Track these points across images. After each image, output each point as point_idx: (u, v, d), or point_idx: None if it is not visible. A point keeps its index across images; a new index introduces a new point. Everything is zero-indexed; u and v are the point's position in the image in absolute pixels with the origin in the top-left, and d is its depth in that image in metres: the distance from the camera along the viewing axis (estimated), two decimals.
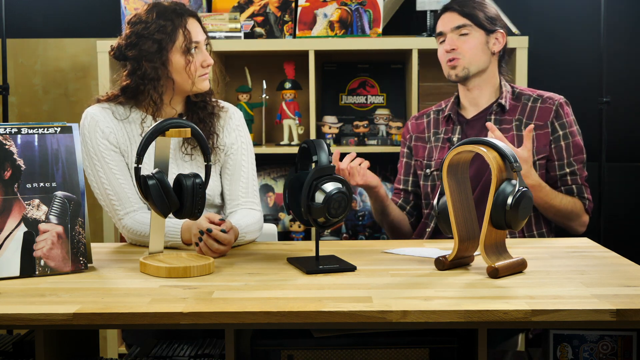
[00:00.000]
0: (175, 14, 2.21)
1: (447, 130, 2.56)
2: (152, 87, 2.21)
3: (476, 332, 1.64)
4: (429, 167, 2.56)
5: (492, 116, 2.49)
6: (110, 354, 3.29)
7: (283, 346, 1.74)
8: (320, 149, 1.87)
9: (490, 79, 2.52)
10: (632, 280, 1.76)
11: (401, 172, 2.68)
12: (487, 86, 2.52)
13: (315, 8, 3.32)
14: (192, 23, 2.24)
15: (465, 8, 2.49)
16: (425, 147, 2.60)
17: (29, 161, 1.84)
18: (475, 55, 2.46)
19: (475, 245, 1.90)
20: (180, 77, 2.22)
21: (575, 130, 2.49)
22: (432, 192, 2.55)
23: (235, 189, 2.33)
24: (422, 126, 2.64)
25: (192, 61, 2.21)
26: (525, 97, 2.52)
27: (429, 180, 2.56)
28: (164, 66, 2.20)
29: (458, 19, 2.47)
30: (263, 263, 1.98)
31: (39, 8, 3.64)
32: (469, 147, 1.85)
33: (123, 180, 2.24)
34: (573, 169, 2.46)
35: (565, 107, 2.49)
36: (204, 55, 2.25)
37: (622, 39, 3.56)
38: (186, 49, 2.20)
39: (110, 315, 1.53)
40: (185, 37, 2.20)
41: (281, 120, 3.41)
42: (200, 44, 2.24)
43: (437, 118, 2.62)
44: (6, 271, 1.80)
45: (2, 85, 3.30)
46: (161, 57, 2.20)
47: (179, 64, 2.21)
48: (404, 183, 2.66)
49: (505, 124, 2.48)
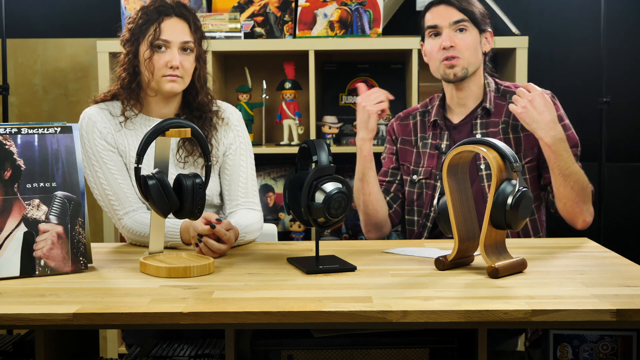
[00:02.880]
0: (156, 11, 2.24)
1: (434, 135, 2.47)
2: (127, 75, 2.25)
3: (476, 332, 1.64)
4: (415, 173, 2.47)
5: (477, 120, 2.41)
6: (110, 354, 3.29)
7: (283, 346, 1.74)
8: (320, 149, 1.87)
9: (478, 79, 2.44)
10: (632, 280, 1.76)
11: (387, 165, 2.56)
12: (475, 87, 2.43)
13: (315, 8, 3.32)
14: (173, 22, 2.23)
15: (462, 2, 2.38)
16: (412, 151, 2.51)
17: (29, 161, 1.84)
18: (473, 54, 2.37)
19: (475, 245, 1.90)
20: (144, 70, 2.24)
21: (567, 124, 2.39)
22: (417, 199, 2.46)
23: (235, 189, 2.33)
24: (408, 128, 2.55)
25: (151, 57, 2.21)
26: (509, 95, 2.42)
27: (415, 187, 2.47)
28: (134, 57, 2.24)
29: (456, 13, 2.36)
30: (263, 263, 1.98)
31: (39, 8, 3.64)
32: (469, 147, 1.85)
33: (122, 180, 2.24)
34: None
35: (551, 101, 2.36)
36: (172, 55, 2.21)
37: (622, 39, 3.56)
38: (149, 44, 2.21)
39: (110, 315, 1.53)
40: (154, 32, 2.21)
41: (281, 120, 3.42)
42: (170, 43, 2.22)
43: (423, 120, 2.52)
44: (6, 271, 1.80)
45: (2, 85, 3.30)
46: (132, 47, 2.24)
47: (143, 57, 2.23)
48: (391, 175, 2.54)
49: (492, 127, 2.40)
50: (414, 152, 2.49)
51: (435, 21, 2.38)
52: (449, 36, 2.35)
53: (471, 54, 2.37)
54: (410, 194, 2.48)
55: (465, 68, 2.37)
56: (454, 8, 2.36)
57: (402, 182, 2.52)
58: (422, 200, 2.44)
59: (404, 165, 2.52)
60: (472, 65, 2.38)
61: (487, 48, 2.43)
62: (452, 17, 2.36)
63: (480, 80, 2.45)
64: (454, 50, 2.35)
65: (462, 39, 2.36)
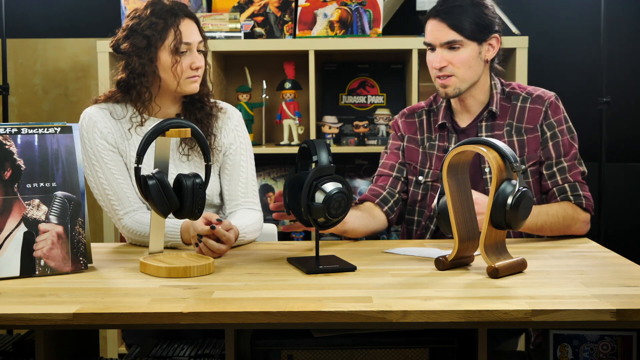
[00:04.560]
0: (170, 13, 2.21)
1: (441, 137, 2.43)
2: (139, 82, 2.22)
3: (476, 332, 1.64)
4: (422, 174, 2.44)
5: (482, 123, 2.38)
6: (110, 354, 3.29)
7: (283, 346, 1.74)
8: (320, 149, 1.87)
9: (482, 85, 2.39)
10: (632, 280, 1.76)
11: (393, 160, 2.48)
12: (479, 93, 2.39)
13: (315, 8, 3.32)
14: (187, 24, 2.23)
15: (452, 18, 2.28)
16: (418, 151, 2.47)
17: (29, 161, 1.84)
18: (468, 70, 2.31)
19: (475, 245, 1.90)
20: (167, 75, 2.22)
21: (565, 129, 2.35)
22: (421, 200, 2.43)
23: (235, 189, 2.33)
24: (413, 127, 2.50)
25: (179, 61, 2.20)
26: (514, 97, 2.39)
27: (420, 189, 2.44)
28: (151, 62, 2.21)
29: (446, 32, 2.28)
30: (263, 263, 1.98)
31: (39, 8, 3.64)
32: (469, 147, 1.85)
33: (122, 180, 2.24)
34: (562, 166, 2.32)
35: (555, 104, 2.36)
36: (194, 57, 2.22)
37: (622, 39, 3.56)
38: (174, 48, 2.19)
39: (110, 315, 1.53)
40: (175, 36, 2.19)
41: (281, 120, 3.42)
42: (192, 45, 2.22)
43: (429, 120, 2.48)
44: (6, 271, 1.80)
45: (2, 85, 3.30)
46: (149, 53, 2.20)
47: (166, 62, 2.21)
48: (398, 170, 2.46)
49: (497, 130, 2.38)
50: (420, 152, 2.46)
51: (428, 39, 2.33)
52: (441, 56, 2.30)
53: (466, 70, 2.31)
54: (414, 194, 2.46)
55: (457, 87, 2.32)
56: (445, 24, 2.28)
57: (407, 180, 2.48)
58: (425, 202, 2.43)
59: (410, 165, 2.47)
60: (466, 82, 2.33)
61: (491, 55, 2.36)
62: (443, 36, 2.29)
63: (484, 86, 2.40)
64: (446, 70, 2.31)
65: (455, 56, 2.30)
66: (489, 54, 2.36)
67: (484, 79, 2.39)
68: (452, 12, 2.29)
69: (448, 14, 2.29)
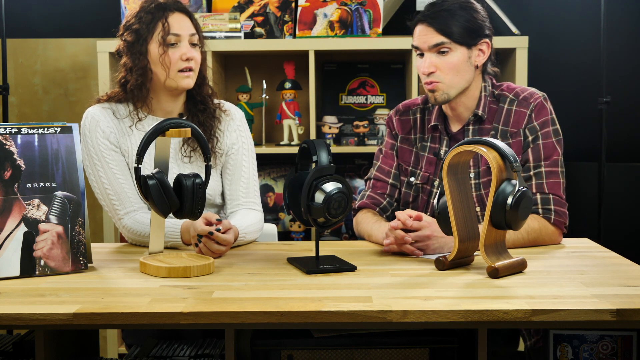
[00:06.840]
0: (158, 8, 2.23)
1: (433, 139, 2.39)
2: (133, 77, 2.23)
3: (476, 332, 1.64)
4: (413, 175, 2.41)
5: (470, 127, 2.33)
6: (110, 354, 3.29)
7: (283, 346, 1.74)
8: (320, 149, 1.87)
9: (471, 92, 2.32)
10: (632, 280, 1.76)
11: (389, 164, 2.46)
12: (468, 100, 2.33)
13: (315, 8, 3.32)
14: (177, 17, 2.24)
15: (439, 22, 2.23)
16: (411, 151, 2.44)
17: (29, 161, 1.84)
18: (457, 75, 2.25)
19: (475, 245, 1.90)
20: (157, 68, 2.23)
21: (550, 131, 2.26)
22: (412, 202, 2.40)
23: (236, 189, 2.33)
24: (408, 125, 2.46)
25: (166, 51, 2.21)
26: (502, 99, 2.33)
27: (412, 190, 2.41)
28: (142, 56, 2.22)
29: (433, 36, 2.23)
30: (263, 263, 1.98)
31: (39, 8, 3.64)
32: (469, 147, 1.85)
33: (123, 180, 2.24)
34: (540, 171, 2.22)
35: (540, 106, 2.27)
36: (185, 48, 2.22)
37: (622, 39, 3.56)
38: (162, 39, 2.20)
39: (110, 315, 1.53)
40: (163, 27, 2.20)
41: (281, 120, 3.42)
42: (181, 37, 2.22)
43: (422, 119, 2.44)
44: (6, 271, 1.80)
45: (2, 85, 3.30)
46: (140, 47, 2.22)
47: (155, 55, 2.22)
48: (394, 178, 2.44)
49: (484, 134, 2.33)
50: (413, 152, 2.45)
51: (416, 42, 2.30)
52: (429, 61, 2.25)
53: (454, 76, 2.25)
54: (406, 195, 2.44)
55: (446, 93, 2.26)
56: (432, 29, 2.23)
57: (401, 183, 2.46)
58: (416, 204, 2.42)
59: (402, 166, 2.46)
60: (454, 88, 2.27)
61: (482, 60, 2.29)
62: (430, 40, 2.25)
63: (475, 92, 2.33)
64: (434, 76, 2.26)
65: (443, 61, 2.25)
66: (479, 59, 2.29)
67: (474, 85, 2.32)
68: (439, 17, 2.24)
69: (435, 18, 2.24)
